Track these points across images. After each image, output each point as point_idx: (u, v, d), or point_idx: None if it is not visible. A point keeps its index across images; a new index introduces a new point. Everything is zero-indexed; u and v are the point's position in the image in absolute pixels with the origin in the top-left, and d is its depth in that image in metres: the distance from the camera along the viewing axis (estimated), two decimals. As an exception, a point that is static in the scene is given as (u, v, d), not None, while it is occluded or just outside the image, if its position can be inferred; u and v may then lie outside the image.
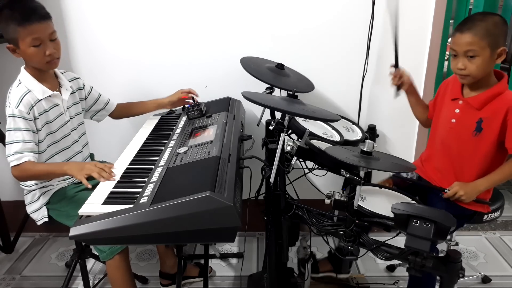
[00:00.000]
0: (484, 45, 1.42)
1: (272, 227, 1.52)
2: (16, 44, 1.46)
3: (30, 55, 1.48)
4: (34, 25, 1.44)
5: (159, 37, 2.10)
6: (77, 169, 1.40)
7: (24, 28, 1.43)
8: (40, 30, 1.46)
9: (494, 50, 1.44)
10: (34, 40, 1.45)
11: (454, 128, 1.58)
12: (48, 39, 1.48)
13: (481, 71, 1.47)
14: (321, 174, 1.53)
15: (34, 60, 1.50)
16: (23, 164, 1.44)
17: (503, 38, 1.45)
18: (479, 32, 1.42)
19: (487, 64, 1.46)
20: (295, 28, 2.08)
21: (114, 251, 1.53)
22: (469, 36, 1.43)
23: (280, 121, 1.39)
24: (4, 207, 2.20)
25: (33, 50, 1.46)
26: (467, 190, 1.52)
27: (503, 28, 1.45)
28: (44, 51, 1.48)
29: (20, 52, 1.48)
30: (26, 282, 2.08)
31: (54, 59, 1.52)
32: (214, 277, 2.09)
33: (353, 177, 1.30)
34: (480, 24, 1.43)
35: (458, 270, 1.23)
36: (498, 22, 1.44)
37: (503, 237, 2.39)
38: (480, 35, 1.42)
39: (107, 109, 1.86)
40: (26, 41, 1.45)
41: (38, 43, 1.46)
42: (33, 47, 1.46)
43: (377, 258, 1.71)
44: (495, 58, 1.45)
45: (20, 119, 1.46)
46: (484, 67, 1.46)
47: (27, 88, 1.51)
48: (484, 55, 1.44)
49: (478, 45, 1.43)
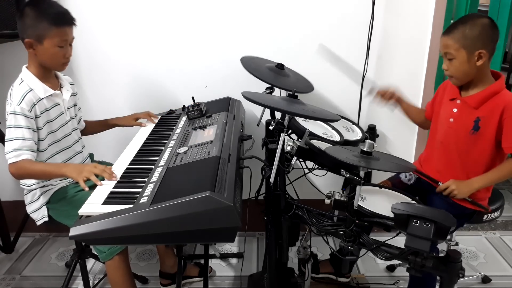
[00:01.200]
0: (458, 48, 1.46)
1: (272, 227, 1.52)
2: (40, 40, 1.48)
3: (51, 54, 1.51)
4: (66, 28, 1.51)
5: (159, 38, 2.10)
6: (76, 172, 1.40)
7: (57, 28, 1.49)
8: (69, 33, 1.53)
9: (471, 53, 1.45)
10: (61, 41, 1.51)
11: (452, 127, 1.59)
12: (69, 43, 1.55)
13: (460, 72, 1.50)
14: (321, 174, 1.53)
15: (52, 59, 1.54)
16: (21, 162, 1.44)
17: (481, 41, 1.45)
18: (455, 36, 1.46)
19: (465, 66, 1.48)
20: (295, 28, 2.08)
21: (113, 251, 1.53)
22: (446, 39, 1.49)
23: (280, 121, 1.39)
24: (4, 207, 2.20)
25: (56, 50, 1.51)
26: (460, 186, 1.52)
27: (483, 31, 1.45)
28: (64, 53, 1.54)
29: (40, 49, 1.50)
30: (26, 282, 2.08)
31: (68, 61, 1.58)
32: (214, 277, 2.09)
33: (353, 177, 1.30)
34: (459, 27, 1.46)
35: (458, 270, 1.23)
36: (479, 25, 1.45)
37: (503, 237, 2.40)
38: (455, 39, 1.46)
39: (80, 124, 1.83)
40: (54, 40, 1.49)
41: (63, 44, 1.52)
42: (58, 47, 1.51)
43: (377, 258, 1.71)
44: (474, 60, 1.46)
45: (21, 116, 1.47)
46: (462, 69, 1.49)
47: (29, 87, 1.52)
48: (460, 58, 1.47)
49: (452, 48, 1.47)
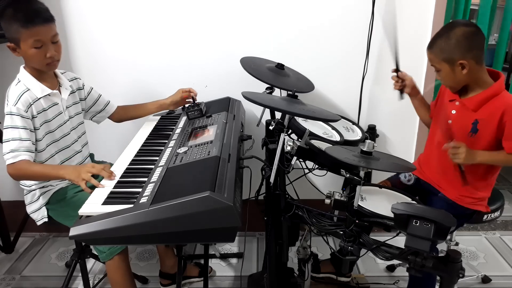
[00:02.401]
0: (439, 61, 1.50)
1: (272, 227, 1.52)
2: (17, 44, 1.46)
3: (31, 56, 1.48)
4: (37, 28, 1.44)
5: (159, 38, 2.10)
6: (74, 174, 1.39)
7: (27, 30, 1.43)
8: (42, 32, 1.46)
9: (452, 64, 1.47)
10: (35, 42, 1.45)
11: (450, 129, 1.58)
12: (50, 41, 1.48)
13: (449, 82, 1.54)
14: (321, 174, 1.53)
15: (34, 61, 1.50)
16: (19, 162, 1.43)
17: (460, 52, 1.45)
18: (434, 50, 1.51)
19: (452, 76, 1.50)
20: (295, 28, 2.08)
21: (113, 251, 1.53)
22: (428, 53, 1.54)
23: (280, 121, 1.39)
24: (4, 207, 2.21)
25: (34, 51, 1.46)
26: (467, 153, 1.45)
27: (460, 42, 1.44)
28: (45, 53, 1.48)
29: (21, 52, 1.48)
30: (26, 282, 2.08)
31: (54, 61, 1.52)
32: (214, 277, 2.09)
33: (353, 177, 1.30)
34: (437, 41, 1.50)
35: (458, 270, 1.23)
36: (454, 37, 1.45)
37: (503, 237, 2.40)
38: (435, 53, 1.50)
39: (107, 110, 1.85)
40: (27, 42, 1.45)
41: (39, 45, 1.46)
42: (34, 48, 1.46)
43: (377, 258, 1.71)
44: (459, 69, 1.47)
45: (17, 117, 1.46)
46: (450, 79, 1.52)
47: (25, 87, 1.51)
48: (444, 70, 1.50)
49: (435, 61, 1.52)
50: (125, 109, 1.91)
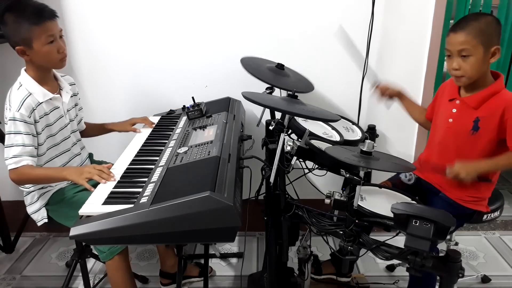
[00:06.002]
0: (477, 44, 1.43)
1: (272, 227, 1.52)
2: (29, 44, 1.46)
3: (45, 53, 1.48)
4: (48, 23, 1.46)
5: (159, 38, 2.10)
6: (76, 174, 1.40)
7: (38, 26, 1.44)
8: (53, 27, 1.48)
9: (487, 49, 1.44)
10: (48, 37, 1.47)
11: (451, 128, 1.59)
12: (58, 36, 1.51)
13: (475, 70, 1.47)
14: (321, 174, 1.54)
15: (48, 58, 1.50)
16: (21, 168, 1.43)
17: (496, 37, 1.45)
18: (472, 31, 1.42)
19: (481, 64, 1.46)
20: (295, 28, 2.08)
21: (113, 251, 1.53)
22: (462, 35, 1.44)
23: (280, 121, 1.39)
24: (4, 207, 2.21)
25: (48, 48, 1.47)
26: (468, 170, 1.46)
27: (496, 28, 1.45)
28: (58, 48, 1.50)
29: (32, 52, 1.47)
30: (26, 282, 2.08)
31: (65, 56, 1.54)
32: (214, 277, 2.10)
33: (353, 177, 1.30)
34: (473, 23, 1.43)
35: (458, 270, 1.23)
36: (491, 22, 1.45)
37: (502, 237, 2.40)
38: (473, 34, 1.42)
39: (80, 125, 1.82)
40: (41, 39, 1.46)
41: (52, 40, 1.48)
42: (47, 44, 1.47)
43: (377, 258, 1.71)
44: (489, 57, 1.45)
45: (21, 122, 1.45)
46: (478, 67, 1.46)
47: (28, 91, 1.50)
48: (478, 54, 1.44)
49: (471, 44, 1.43)
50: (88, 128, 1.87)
